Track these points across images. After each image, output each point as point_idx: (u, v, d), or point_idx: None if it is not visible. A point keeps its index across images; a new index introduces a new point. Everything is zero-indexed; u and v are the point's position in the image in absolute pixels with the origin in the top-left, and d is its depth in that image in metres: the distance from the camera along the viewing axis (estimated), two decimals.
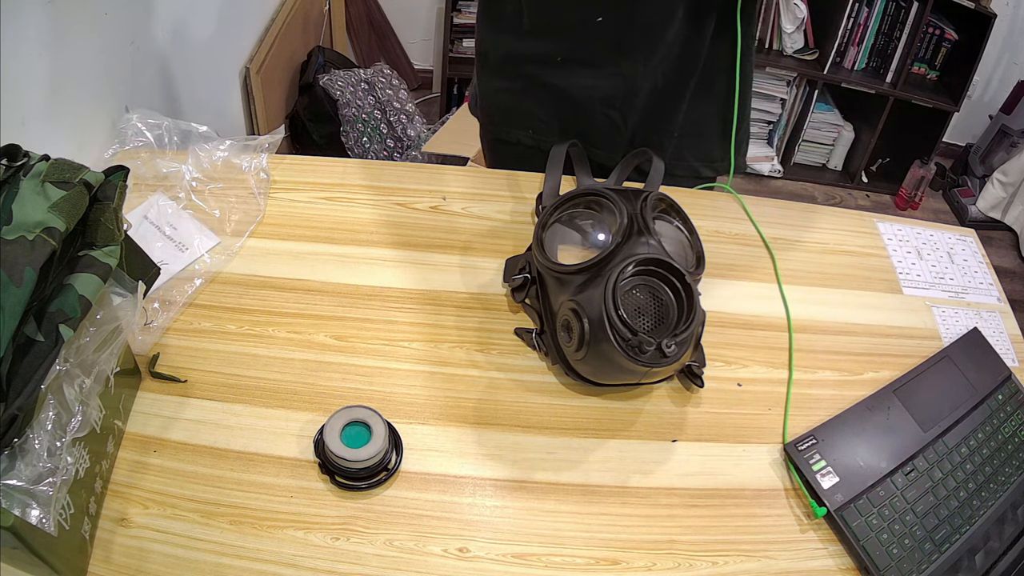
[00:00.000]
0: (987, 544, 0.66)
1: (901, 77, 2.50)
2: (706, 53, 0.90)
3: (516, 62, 0.95)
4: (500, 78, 0.99)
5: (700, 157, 1.01)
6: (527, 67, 0.95)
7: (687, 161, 1.00)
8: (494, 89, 1.01)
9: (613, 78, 0.92)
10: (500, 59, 0.97)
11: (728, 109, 0.96)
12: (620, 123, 0.95)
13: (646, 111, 0.95)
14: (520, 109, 0.99)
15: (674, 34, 0.87)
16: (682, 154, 0.99)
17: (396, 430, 0.66)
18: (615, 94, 0.93)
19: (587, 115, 0.95)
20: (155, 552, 0.57)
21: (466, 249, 0.84)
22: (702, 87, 0.93)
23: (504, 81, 0.98)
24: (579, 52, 0.91)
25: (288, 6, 1.89)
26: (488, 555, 0.60)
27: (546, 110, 0.97)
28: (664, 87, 0.92)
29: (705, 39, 0.88)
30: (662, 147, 0.97)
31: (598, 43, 0.89)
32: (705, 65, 0.91)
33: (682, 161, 1.00)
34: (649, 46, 0.88)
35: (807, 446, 0.69)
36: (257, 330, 0.73)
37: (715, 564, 0.62)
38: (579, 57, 0.92)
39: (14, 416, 0.45)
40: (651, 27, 0.87)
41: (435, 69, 2.75)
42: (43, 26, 0.80)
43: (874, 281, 0.89)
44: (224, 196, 0.84)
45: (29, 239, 0.45)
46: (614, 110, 0.94)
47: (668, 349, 0.62)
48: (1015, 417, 0.76)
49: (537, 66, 0.94)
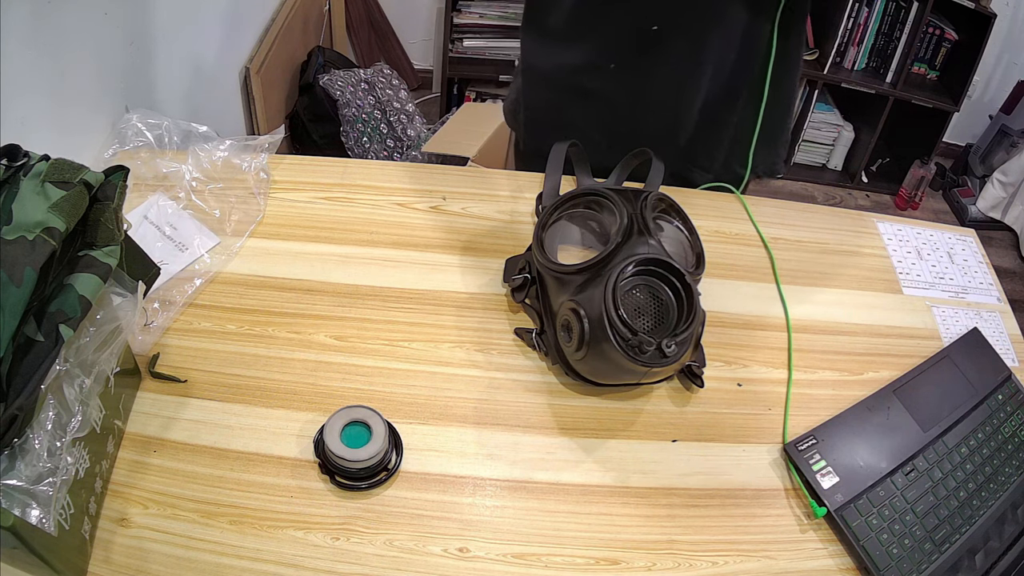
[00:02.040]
0: (987, 544, 0.66)
1: (901, 77, 2.50)
2: (760, 63, 0.89)
3: (564, 73, 0.94)
4: (547, 89, 0.98)
5: (746, 164, 1.00)
6: (575, 78, 0.93)
7: (733, 171, 1.00)
8: (540, 101, 0.99)
9: (665, 88, 0.91)
10: (547, 71, 0.96)
11: (778, 118, 0.96)
12: (672, 133, 0.95)
13: (699, 122, 0.94)
14: (565, 120, 0.97)
15: (728, 43, 0.87)
16: (730, 163, 0.99)
17: (396, 430, 0.66)
18: (667, 104, 0.92)
19: (637, 125, 0.94)
20: (155, 552, 0.57)
21: (466, 249, 0.84)
22: (754, 97, 0.93)
23: (551, 92, 0.97)
24: (631, 61, 0.90)
25: (288, 6, 1.89)
26: (488, 555, 0.60)
27: (594, 121, 0.95)
28: (717, 97, 0.92)
29: (759, 49, 0.88)
30: (712, 157, 0.97)
31: (651, 52, 0.88)
32: (758, 75, 0.90)
33: (729, 171, 1.00)
34: (702, 55, 0.88)
35: (807, 446, 0.69)
36: (257, 330, 0.73)
37: (715, 564, 0.62)
38: (631, 65, 0.90)
39: (14, 416, 0.45)
40: (705, 37, 0.86)
41: (435, 69, 2.75)
42: (43, 26, 0.80)
43: (874, 281, 0.89)
44: (224, 196, 0.84)
45: (29, 239, 0.45)
46: (666, 120, 0.94)
47: (668, 349, 0.62)
48: (1015, 417, 0.76)
49: (586, 76, 0.93)
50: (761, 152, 0.98)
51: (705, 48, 0.87)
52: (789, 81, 0.96)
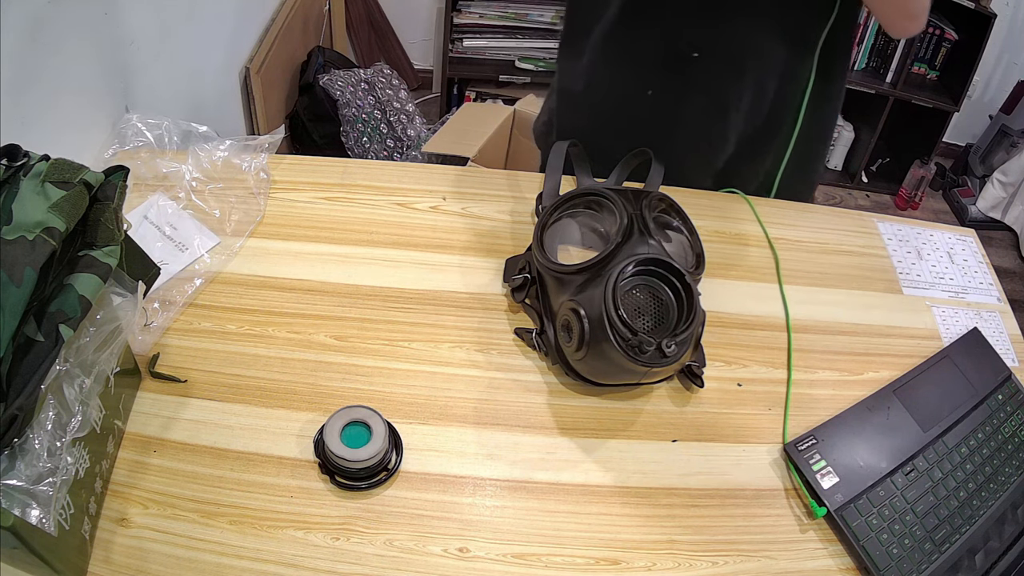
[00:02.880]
0: (987, 544, 0.66)
1: (901, 77, 2.50)
2: (801, 95, 0.90)
3: (599, 98, 0.94)
4: (581, 114, 0.97)
5: (781, 192, 1.00)
6: (611, 103, 0.93)
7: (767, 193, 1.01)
8: (573, 125, 0.99)
9: (702, 116, 0.91)
10: (582, 95, 0.95)
11: (814, 152, 0.98)
12: (706, 162, 0.95)
13: (735, 151, 0.95)
14: (599, 145, 0.95)
15: (767, 73, 0.87)
16: (761, 194, 0.99)
17: (396, 430, 0.66)
18: (704, 132, 0.92)
19: (671, 153, 0.93)
20: (155, 552, 0.57)
21: (466, 249, 0.84)
22: (792, 128, 0.93)
23: (585, 117, 0.97)
24: (668, 86, 0.90)
25: (288, 6, 1.89)
26: (488, 555, 0.60)
27: (627, 146, 0.92)
28: (755, 127, 0.92)
29: (800, 80, 0.89)
30: (745, 186, 0.97)
31: (689, 79, 0.88)
32: (798, 106, 0.91)
33: (763, 193, 1.00)
34: (740, 84, 0.88)
35: (807, 446, 0.69)
36: (257, 330, 0.73)
37: (715, 564, 0.62)
38: (669, 91, 0.90)
39: (14, 416, 0.45)
40: (743, 65, 0.86)
41: (435, 69, 2.75)
42: (43, 26, 0.80)
43: (874, 281, 0.89)
44: (224, 196, 0.84)
45: (29, 239, 0.45)
46: (701, 149, 0.94)
47: (668, 349, 0.62)
48: (1015, 417, 0.76)
49: (622, 102, 0.92)
50: (795, 185, 0.99)
51: (743, 76, 0.87)
52: (828, 115, 0.97)
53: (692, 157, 0.95)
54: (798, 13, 0.85)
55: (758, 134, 0.93)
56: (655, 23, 0.86)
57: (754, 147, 0.95)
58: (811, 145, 0.98)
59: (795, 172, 0.99)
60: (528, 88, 2.50)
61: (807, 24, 0.85)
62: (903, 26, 0.79)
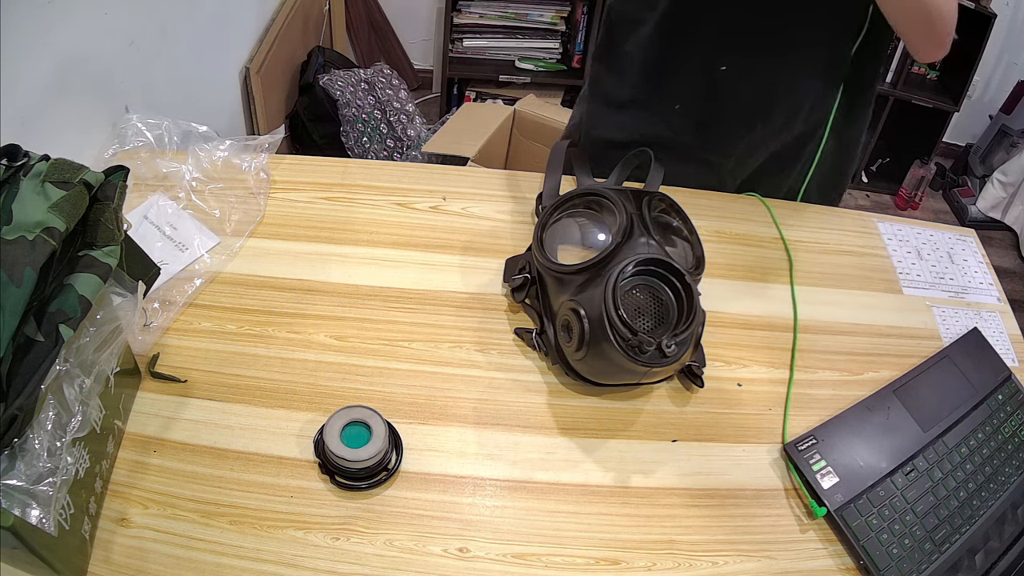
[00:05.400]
0: (987, 544, 0.66)
1: (901, 77, 2.50)
2: (832, 115, 0.91)
3: (626, 133, 0.95)
4: (611, 149, 0.97)
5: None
6: (640, 138, 0.94)
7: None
8: (603, 136, 0.99)
9: (732, 134, 0.92)
10: (611, 133, 0.97)
11: (840, 166, 0.99)
12: (732, 175, 0.97)
13: (762, 165, 0.96)
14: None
15: (798, 89, 0.88)
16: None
17: (396, 430, 0.66)
18: (733, 150, 0.94)
19: (699, 168, 0.95)
20: (155, 552, 0.57)
21: (466, 249, 0.84)
22: (813, 148, 0.95)
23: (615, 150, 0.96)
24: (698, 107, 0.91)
25: (288, 6, 1.89)
26: (488, 555, 0.60)
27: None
28: (786, 142, 0.94)
29: (831, 97, 0.90)
30: (768, 194, 0.98)
31: (719, 98, 0.90)
32: (817, 124, 0.92)
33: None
34: (772, 99, 0.89)
35: (807, 446, 0.69)
36: (257, 330, 0.73)
37: (715, 564, 0.62)
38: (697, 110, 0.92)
39: (14, 416, 0.45)
40: (773, 80, 0.87)
41: (435, 69, 2.75)
42: (43, 26, 0.80)
43: (874, 281, 0.89)
44: (224, 196, 0.84)
45: (29, 239, 0.45)
46: (729, 163, 0.96)
47: (668, 349, 0.62)
48: (1015, 417, 0.76)
49: (652, 137, 0.93)
50: (821, 197, 1.00)
51: (774, 93, 0.88)
52: (856, 131, 0.97)
53: (720, 169, 0.96)
54: (829, 42, 0.86)
55: (788, 149, 0.95)
56: (692, 54, 0.88)
57: (784, 161, 0.97)
58: (836, 161, 0.99)
59: (819, 187, 1.00)
60: (528, 88, 2.50)
61: (838, 48, 0.87)
62: (929, 52, 0.79)
